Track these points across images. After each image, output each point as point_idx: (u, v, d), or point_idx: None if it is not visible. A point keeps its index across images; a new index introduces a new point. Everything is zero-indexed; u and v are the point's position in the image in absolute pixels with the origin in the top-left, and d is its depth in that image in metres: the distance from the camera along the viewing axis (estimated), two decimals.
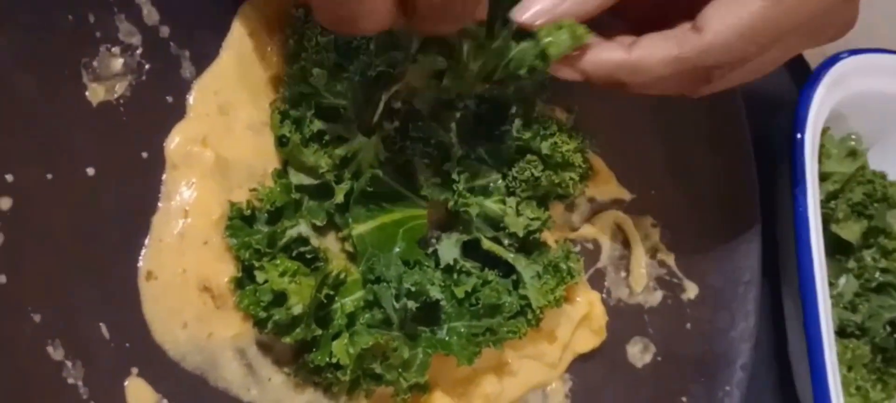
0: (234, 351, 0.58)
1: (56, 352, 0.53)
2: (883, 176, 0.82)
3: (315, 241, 0.59)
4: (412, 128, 0.62)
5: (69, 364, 0.53)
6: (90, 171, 0.55)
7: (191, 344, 0.57)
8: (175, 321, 0.56)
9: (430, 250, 0.63)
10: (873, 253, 0.80)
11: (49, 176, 0.54)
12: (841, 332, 0.80)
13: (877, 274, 0.80)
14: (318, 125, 0.58)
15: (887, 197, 0.81)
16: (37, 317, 0.52)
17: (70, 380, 0.53)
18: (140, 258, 0.56)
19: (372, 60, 0.59)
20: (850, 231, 0.80)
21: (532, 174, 0.63)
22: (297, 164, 0.60)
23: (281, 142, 0.60)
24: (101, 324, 0.55)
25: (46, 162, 0.54)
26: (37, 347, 0.52)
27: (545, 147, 0.63)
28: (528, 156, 0.63)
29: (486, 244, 0.63)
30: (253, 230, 0.57)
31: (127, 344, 0.55)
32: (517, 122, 0.63)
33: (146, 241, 0.56)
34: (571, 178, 0.64)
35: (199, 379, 0.57)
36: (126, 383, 0.55)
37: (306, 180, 0.59)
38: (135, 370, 0.55)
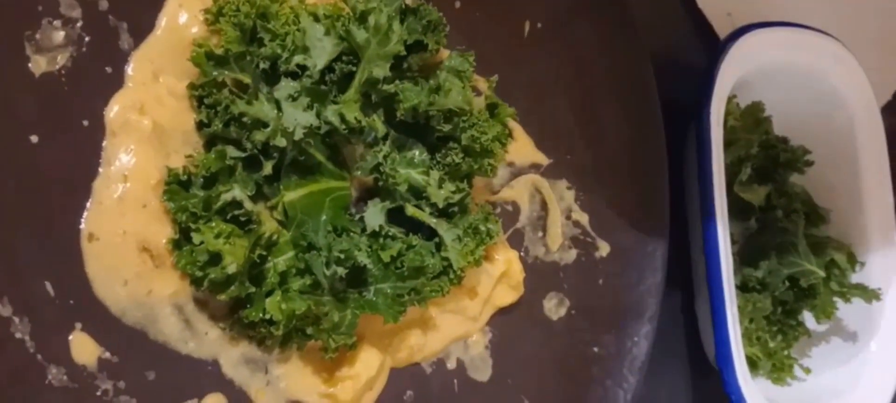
0: (172, 307, 0.61)
1: (4, 309, 0.55)
2: (785, 141, 0.86)
3: (248, 205, 0.61)
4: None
5: (17, 319, 0.56)
6: (34, 139, 0.57)
7: (131, 301, 0.59)
8: (116, 279, 0.59)
9: (358, 216, 0.65)
10: (775, 214, 0.83)
11: None
12: (743, 287, 0.83)
13: (777, 234, 0.83)
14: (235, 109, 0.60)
15: (789, 162, 0.84)
16: None
17: (18, 335, 0.56)
18: (82, 220, 0.58)
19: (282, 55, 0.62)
20: (754, 193, 0.83)
21: (453, 160, 0.65)
22: (222, 142, 0.61)
23: (200, 125, 0.62)
24: (46, 283, 0.57)
25: None
26: None
27: (464, 138, 0.65)
28: (450, 144, 0.66)
29: (411, 210, 0.65)
30: (189, 194, 0.60)
31: (71, 301, 0.58)
32: (438, 116, 0.65)
33: (88, 205, 0.58)
34: (490, 164, 0.67)
35: (140, 333, 0.60)
36: (70, 337, 0.58)
37: (235, 153, 0.61)
38: (78, 325, 0.58)
